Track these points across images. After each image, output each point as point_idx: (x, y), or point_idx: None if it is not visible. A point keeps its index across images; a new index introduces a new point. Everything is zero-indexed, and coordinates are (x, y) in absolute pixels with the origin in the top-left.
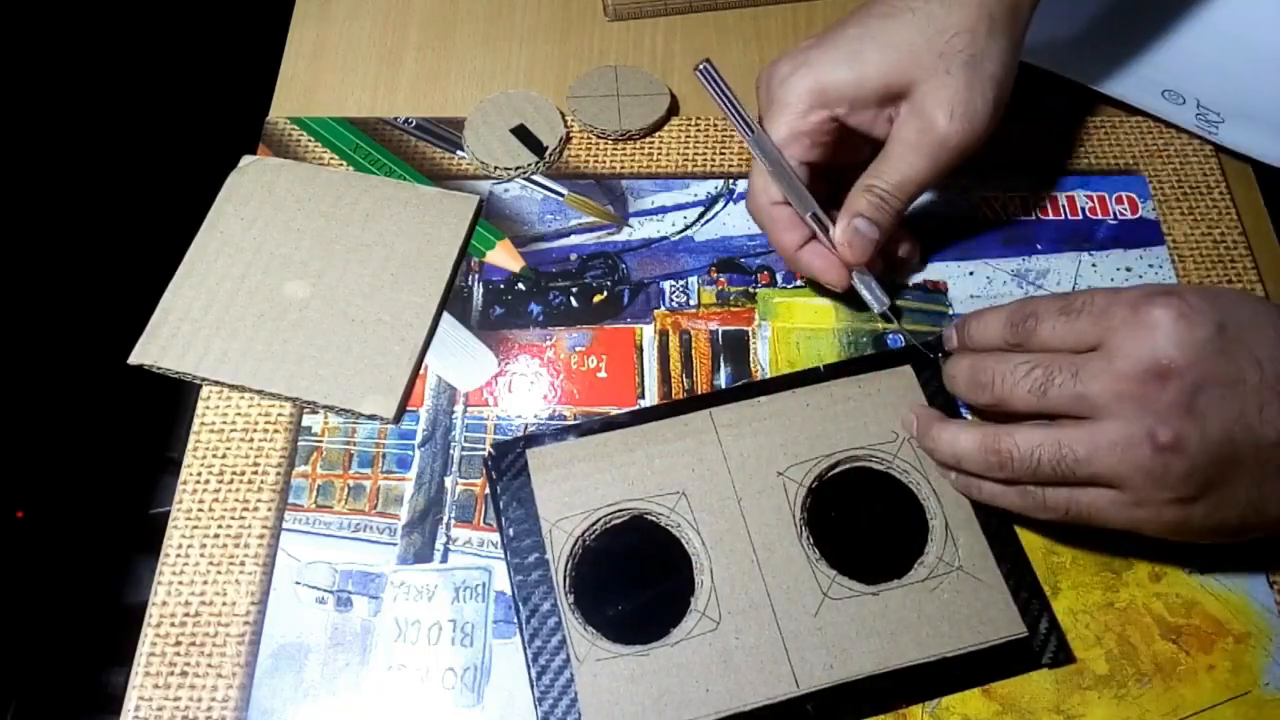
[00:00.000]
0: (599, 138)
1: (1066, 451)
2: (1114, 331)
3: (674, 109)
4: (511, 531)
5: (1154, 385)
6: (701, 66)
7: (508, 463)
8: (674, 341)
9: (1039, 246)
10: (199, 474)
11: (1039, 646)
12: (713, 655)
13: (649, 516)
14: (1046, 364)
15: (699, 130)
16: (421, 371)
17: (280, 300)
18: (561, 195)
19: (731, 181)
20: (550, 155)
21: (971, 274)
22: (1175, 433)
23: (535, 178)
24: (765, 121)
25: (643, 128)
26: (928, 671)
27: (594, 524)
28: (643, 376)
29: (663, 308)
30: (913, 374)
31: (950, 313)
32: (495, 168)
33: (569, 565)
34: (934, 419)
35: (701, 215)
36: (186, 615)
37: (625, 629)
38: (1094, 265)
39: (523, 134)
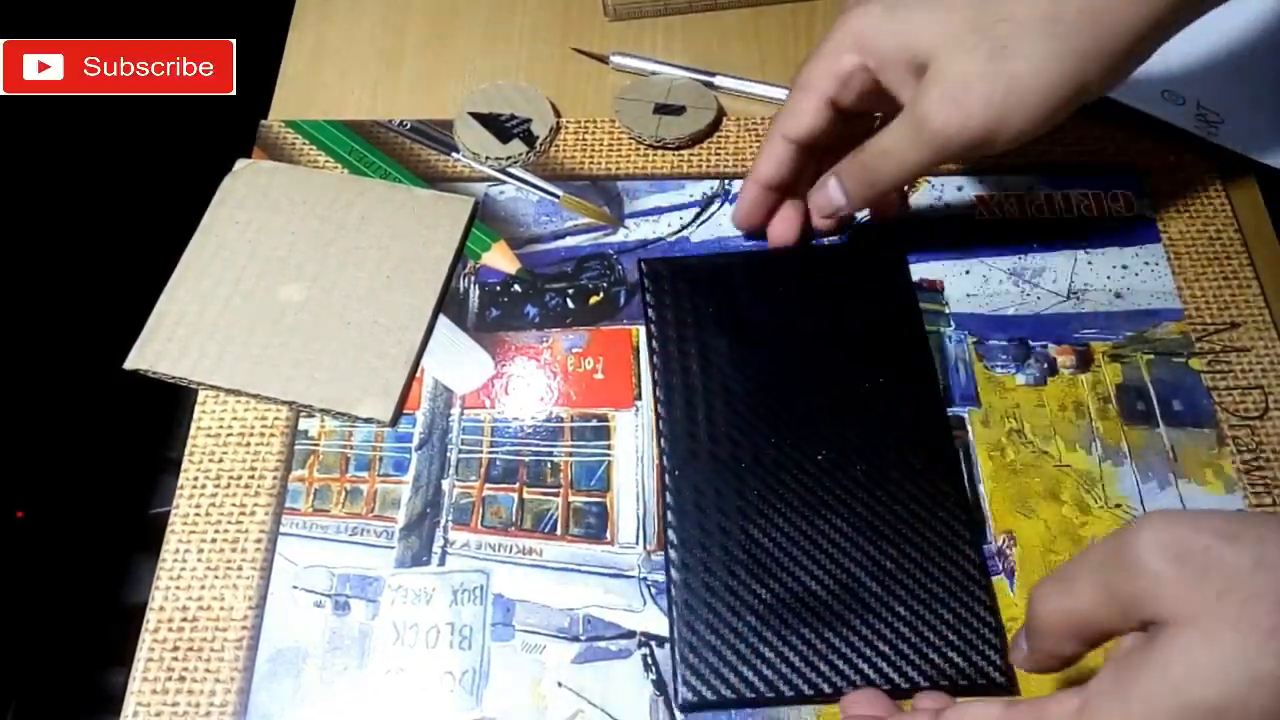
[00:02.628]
0: (638, 143)
1: None
2: None
3: (717, 124)
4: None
5: None
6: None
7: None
8: None
9: (1035, 245)
10: (195, 478)
11: None
12: None
13: None
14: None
15: None
16: (418, 374)
17: (275, 304)
18: (557, 197)
19: (727, 182)
20: (541, 145)
21: (968, 273)
22: None
23: (531, 179)
24: (815, 49)
25: (679, 138)
26: None
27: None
28: (639, 378)
29: None
30: None
31: (946, 311)
32: (486, 158)
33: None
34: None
35: (697, 216)
36: (184, 620)
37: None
38: (1090, 263)
39: (513, 124)
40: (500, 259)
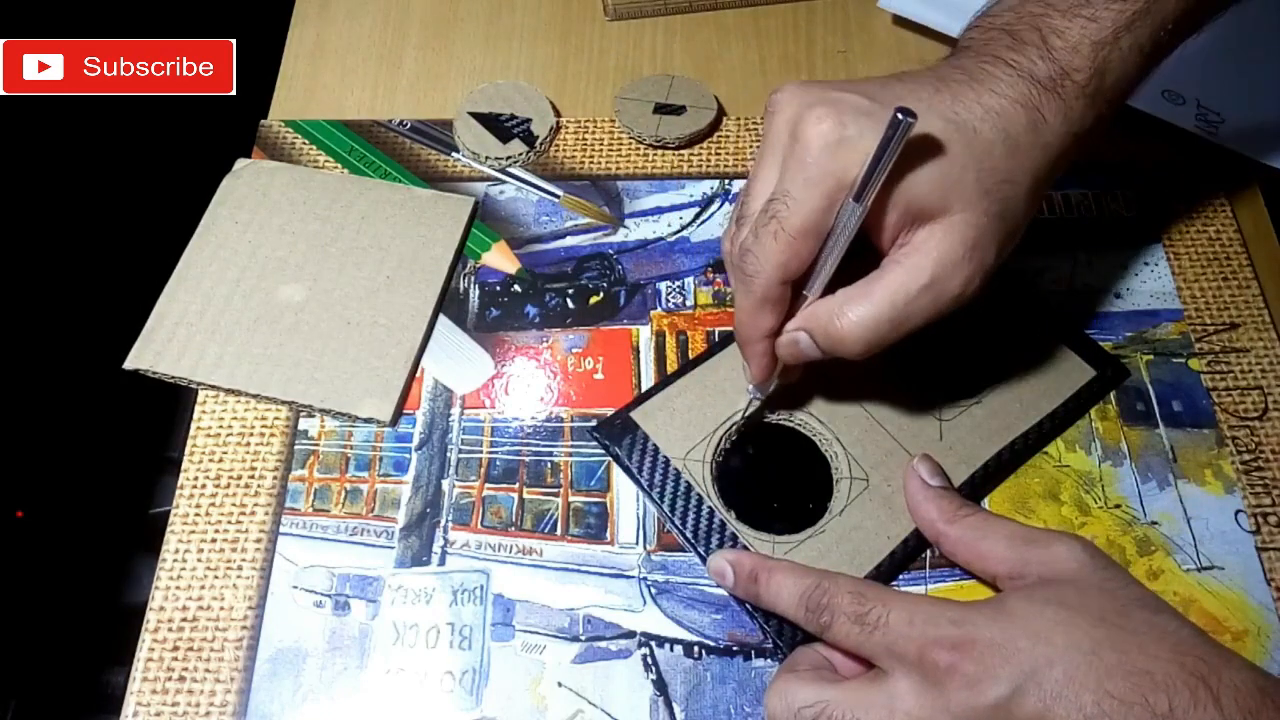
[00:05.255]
0: (638, 143)
1: None
2: (896, 677)
3: (717, 124)
4: (650, 480)
5: None
6: (906, 120)
7: (616, 428)
8: (670, 343)
9: (1035, 245)
10: (196, 478)
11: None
12: (878, 506)
13: (765, 421)
14: (834, 694)
15: None
16: (418, 374)
17: (276, 304)
18: (557, 197)
19: (727, 182)
20: (541, 145)
21: None
22: None
23: (531, 179)
24: (790, 175)
25: (679, 138)
26: (1037, 431)
27: (718, 444)
28: (639, 378)
29: (659, 309)
30: None
31: None
32: (486, 158)
33: (716, 487)
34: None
35: (697, 216)
36: (184, 620)
37: (792, 520)
38: (1090, 263)
39: (513, 124)
40: (500, 259)
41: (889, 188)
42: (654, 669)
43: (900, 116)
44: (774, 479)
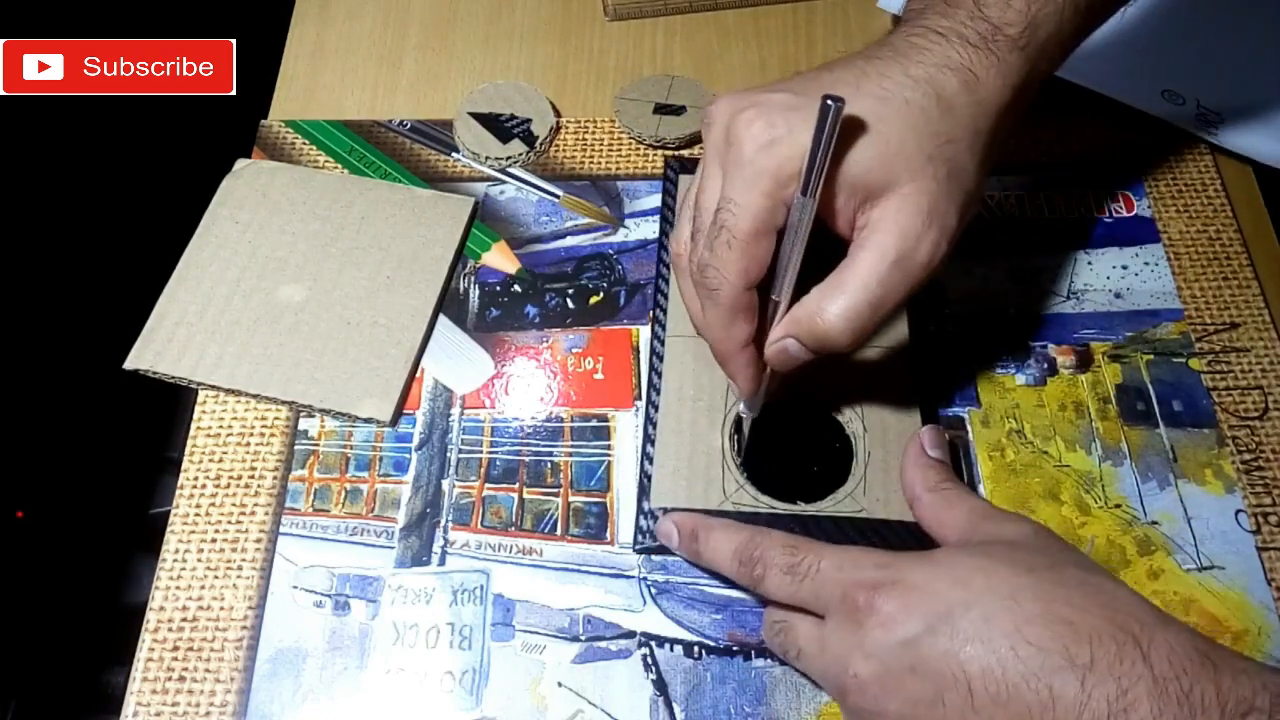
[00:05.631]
0: (638, 143)
1: None
2: (826, 620)
3: None
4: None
5: (839, 695)
6: (835, 105)
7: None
8: None
9: (1035, 245)
10: (196, 478)
11: None
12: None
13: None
14: (785, 626)
15: None
16: (418, 374)
17: (276, 304)
18: (557, 197)
19: None
20: (541, 145)
21: (968, 273)
22: None
23: (531, 179)
24: (730, 182)
25: (679, 138)
26: None
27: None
28: (639, 378)
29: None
30: None
31: (947, 311)
32: (486, 158)
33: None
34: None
35: None
36: (184, 620)
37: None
38: (1090, 263)
39: (513, 124)
40: (500, 259)
41: (833, 174)
42: (654, 669)
43: (829, 103)
44: (794, 452)
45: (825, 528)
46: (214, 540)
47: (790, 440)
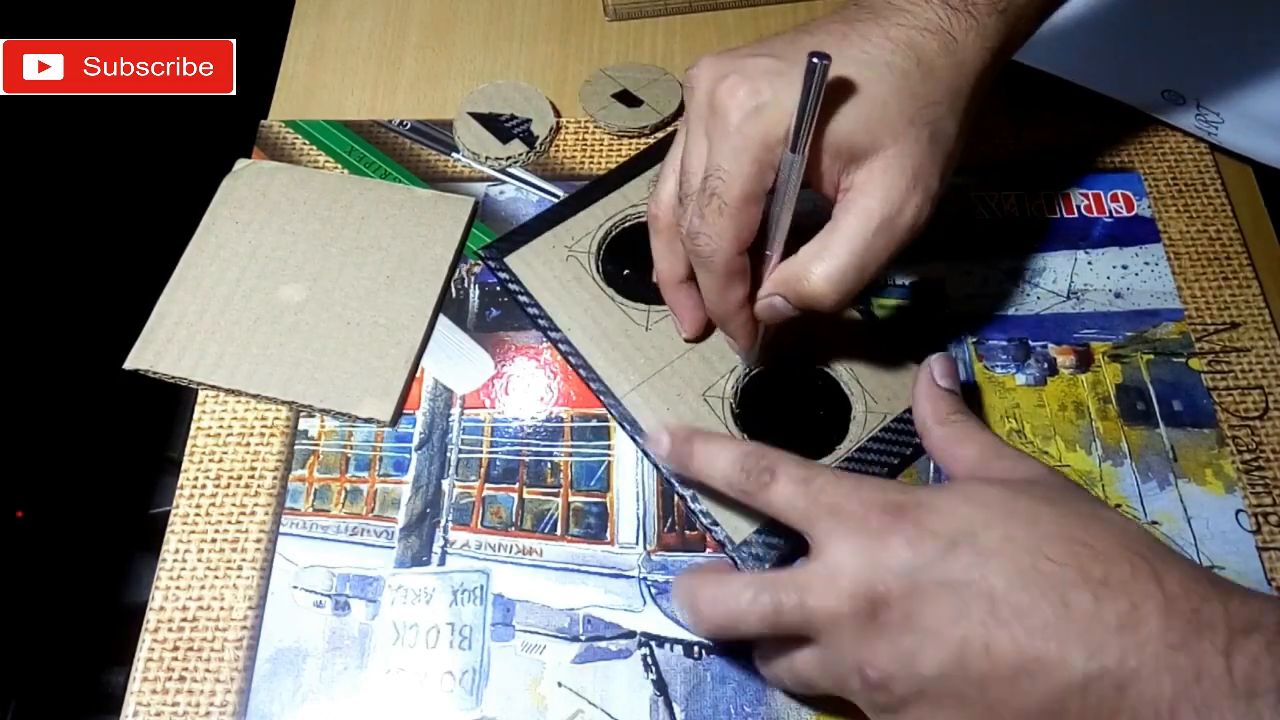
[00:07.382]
0: (619, 136)
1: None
2: (835, 543)
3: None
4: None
5: (867, 617)
6: (822, 63)
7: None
8: None
9: (1035, 245)
10: (195, 478)
11: None
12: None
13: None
14: (773, 589)
15: None
16: (418, 374)
17: (276, 304)
18: (557, 197)
19: None
20: (541, 145)
21: (968, 273)
22: (882, 673)
23: (531, 179)
24: (717, 149)
25: (631, 129)
26: None
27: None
28: None
29: None
30: None
31: (946, 311)
32: (486, 158)
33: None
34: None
35: None
36: (184, 620)
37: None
38: (1090, 263)
39: (513, 124)
40: None
41: (819, 136)
42: (654, 669)
43: (815, 60)
44: (794, 412)
45: None
46: (214, 540)
47: (788, 400)
